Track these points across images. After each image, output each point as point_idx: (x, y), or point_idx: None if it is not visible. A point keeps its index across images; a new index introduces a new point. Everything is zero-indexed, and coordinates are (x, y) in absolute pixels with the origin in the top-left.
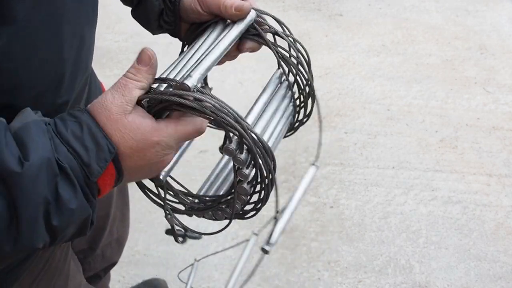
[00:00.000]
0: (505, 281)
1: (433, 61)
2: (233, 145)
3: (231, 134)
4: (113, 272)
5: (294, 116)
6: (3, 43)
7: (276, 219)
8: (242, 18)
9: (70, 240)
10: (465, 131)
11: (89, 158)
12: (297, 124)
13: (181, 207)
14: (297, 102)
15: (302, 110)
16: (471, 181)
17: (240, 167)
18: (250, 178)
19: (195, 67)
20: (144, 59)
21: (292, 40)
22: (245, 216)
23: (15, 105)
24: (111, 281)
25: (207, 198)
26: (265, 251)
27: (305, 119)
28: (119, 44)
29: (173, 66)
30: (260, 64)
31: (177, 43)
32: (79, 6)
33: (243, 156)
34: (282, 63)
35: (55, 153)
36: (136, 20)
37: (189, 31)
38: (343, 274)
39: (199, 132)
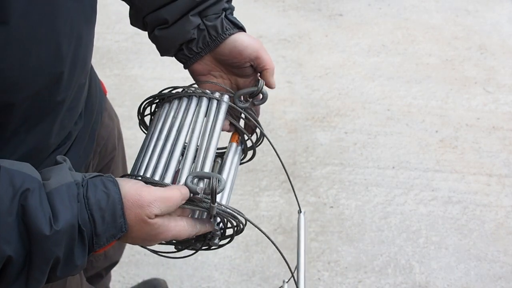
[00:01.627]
0: (505, 281)
1: (433, 61)
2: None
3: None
4: (113, 272)
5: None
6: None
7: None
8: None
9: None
10: (465, 131)
11: (102, 230)
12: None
13: None
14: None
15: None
16: (471, 181)
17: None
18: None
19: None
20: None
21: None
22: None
23: (14, 103)
24: (111, 281)
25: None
26: None
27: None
28: (119, 44)
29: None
30: None
31: None
32: (76, 4)
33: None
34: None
35: (78, 217)
36: (153, 42)
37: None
38: (343, 274)
39: (191, 235)
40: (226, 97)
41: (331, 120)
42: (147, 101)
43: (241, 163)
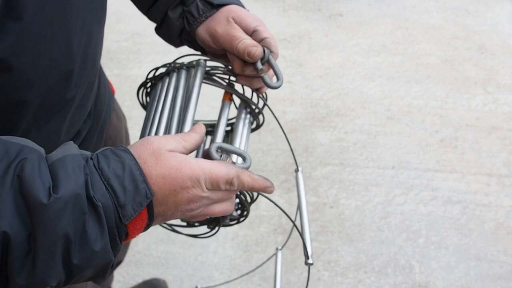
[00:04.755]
0: (505, 281)
1: (433, 61)
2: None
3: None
4: (114, 272)
5: (252, 122)
6: (13, 40)
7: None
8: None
9: (88, 281)
10: (465, 131)
11: (126, 200)
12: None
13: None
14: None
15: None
16: (471, 181)
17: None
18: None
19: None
20: (197, 130)
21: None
22: (230, 224)
23: (26, 100)
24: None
25: None
26: (309, 264)
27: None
28: (119, 44)
29: (152, 121)
30: None
31: None
32: (87, 2)
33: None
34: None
35: (91, 190)
36: (160, 36)
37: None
38: (343, 274)
39: (229, 178)
40: (201, 62)
41: (331, 120)
42: (141, 88)
43: (255, 129)
